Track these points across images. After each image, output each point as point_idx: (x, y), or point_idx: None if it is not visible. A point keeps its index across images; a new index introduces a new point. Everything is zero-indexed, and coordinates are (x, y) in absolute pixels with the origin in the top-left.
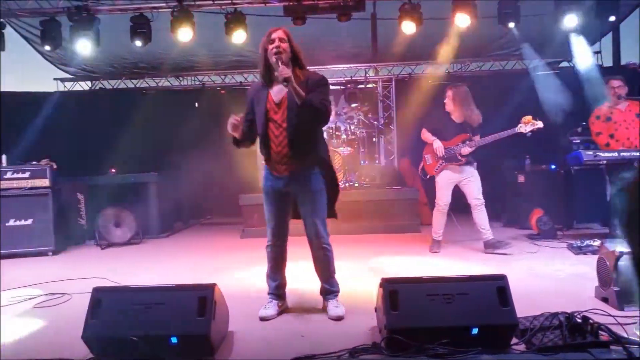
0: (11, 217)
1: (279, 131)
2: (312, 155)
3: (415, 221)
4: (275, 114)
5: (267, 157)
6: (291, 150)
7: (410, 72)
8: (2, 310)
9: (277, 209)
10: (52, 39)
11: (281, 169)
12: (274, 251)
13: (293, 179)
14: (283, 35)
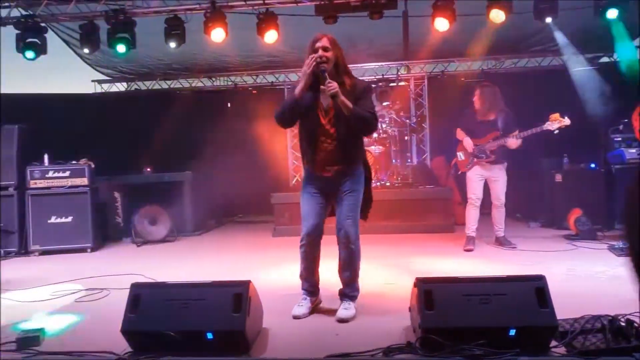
0: (53, 214)
1: (326, 135)
2: (355, 158)
3: (448, 221)
4: (323, 118)
5: (310, 158)
6: (337, 154)
7: (443, 70)
8: (47, 303)
9: (316, 208)
10: (90, 41)
11: (325, 170)
12: (308, 250)
13: (335, 180)
14: (327, 44)
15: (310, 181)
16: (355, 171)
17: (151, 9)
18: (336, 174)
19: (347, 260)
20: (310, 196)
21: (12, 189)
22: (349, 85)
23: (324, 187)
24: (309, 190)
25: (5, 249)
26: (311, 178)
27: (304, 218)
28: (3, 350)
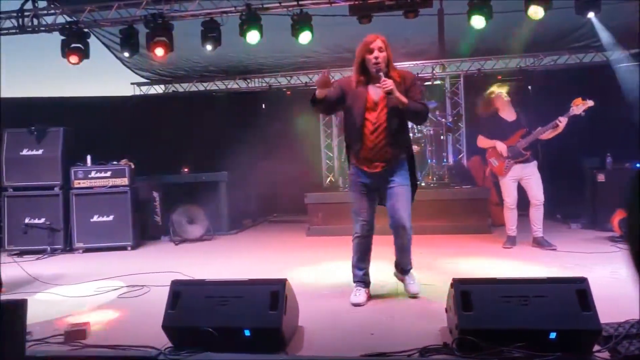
0: (95, 213)
1: (375, 129)
2: (404, 152)
3: (485, 222)
4: (372, 113)
5: (357, 154)
6: (387, 149)
7: (480, 68)
8: (91, 299)
9: (367, 203)
10: (130, 45)
11: (374, 165)
12: (361, 243)
13: (384, 175)
14: (381, 45)
15: (359, 177)
16: (403, 164)
17: (188, 12)
18: (384, 169)
19: (403, 247)
20: (360, 193)
21: (57, 188)
22: (398, 78)
23: (373, 182)
24: (358, 188)
25: (52, 246)
26: (359, 174)
27: (357, 214)
28: (52, 342)
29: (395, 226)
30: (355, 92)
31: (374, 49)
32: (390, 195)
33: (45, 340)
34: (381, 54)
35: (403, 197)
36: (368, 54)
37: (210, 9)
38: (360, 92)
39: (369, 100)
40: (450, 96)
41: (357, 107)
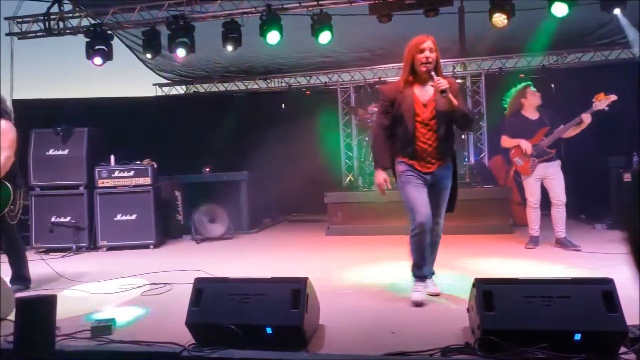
0: (118, 212)
1: (426, 130)
2: (450, 155)
3: (507, 222)
4: (422, 114)
5: (411, 153)
6: (437, 151)
7: (501, 67)
8: (115, 296)
9: (424, 198)
10: (152, 47)
11: (427, 165)
12: (421, 239)
13: (435, 175)
14: (432, 45)
15: (412, 173)
16: (449, 166)
17: (209, 13)
18: (436, 169)
19: (435, 248)
20: (416, 187)
21: (82, 187)
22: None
23: (426, 180)
24: (413, 183)
25: (77, 244)
26: (412, 170)
27: (415, 208)
28: (79, 338)
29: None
30: (403, 95)
31: (425, 49)
32: (436, 196)
33: (73, 336)
34: (432, 55)
35: (445, 199)
36: (419, 53)
37: (231, 9)
38: (408, 95)
39: (418, 102)
40: (472, 95)
41: (407, 110)
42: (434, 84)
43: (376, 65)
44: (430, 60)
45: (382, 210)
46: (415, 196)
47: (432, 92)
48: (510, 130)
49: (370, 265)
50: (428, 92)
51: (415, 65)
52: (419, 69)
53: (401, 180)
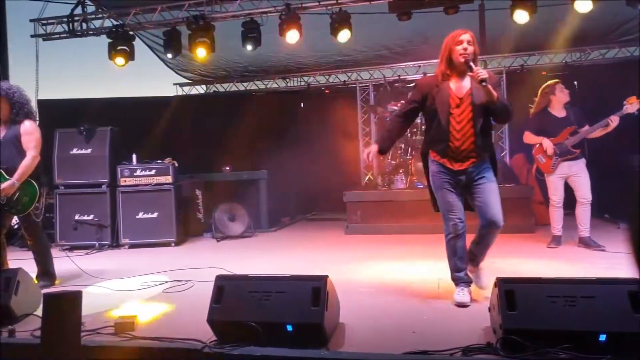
0: (140, 210)
1: (461, 125)
2: (489, 149)
3: (529, 221)
4: (457, 108)
5: (443, 150)
6: (475, 144)
7: (523, 64)
8: (138, 292)
9: (458, 202)
10: (173, 47)
11: (460, 162)
12: (458, 243)
13: (470, 172)
14: (470, 38)
15: (443, 175)
16: (487, 161)
17: (229, 13)
18: (472, 166)
19: (489, 245)
20: (449, 191)
21: (105, 186)
22: None
23: (459, 181)
24: (445, 185)
25: (100, 242)
26: (443, 171)
27: (448, 212)
28: (104, 333)
29: (488, 222)
30: (439, 88)
31: (463, 40)
32: (481, 192)
33: (97, 331)
34: (470, 47)
35: (495, 192)
36: (457, 45)
37: (250, 9)
38: (443, 89)
39: (453, 96)
40: None
41: (441, 105)
42: (472, 74)
43: (395, 64)
44: (468, 52)
45: (401, 209)
46: (448, 199)
47: (469, 86)
48: (534, 127)
49: (390, 264)
50: (465, 85)
51: (453, 56)
52: (457, 60)
53: (434, 182)
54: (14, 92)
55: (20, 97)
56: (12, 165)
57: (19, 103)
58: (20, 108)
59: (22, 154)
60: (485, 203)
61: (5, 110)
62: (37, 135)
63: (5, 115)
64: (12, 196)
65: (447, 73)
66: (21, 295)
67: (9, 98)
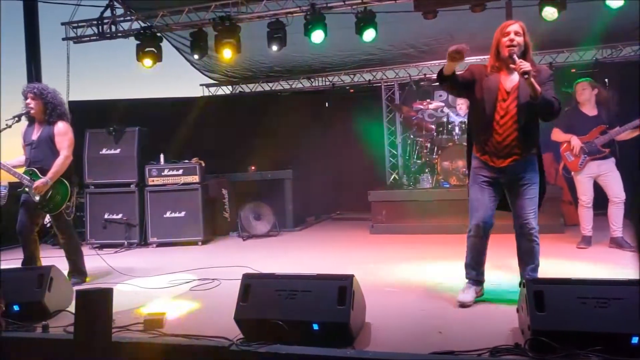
0: (168, 209)
1: (505, 120)
2: (533, 147)
3: (557, 221)
4: (503, 102)
5: (484, 145)
6: (516, 142)
7: (552, 62)
8: (166, 290)
9: (486, 201)
10: (199, 48)
11: (501, 159)
12: (476, 243)
13: (512, 170)
14: (519, 29)
15: (482, 171)
16: (532, 160)
17: (254, 14)
18: (514, 163)
19: (528, 250)
20: (481, 188)
21: (134, 185)
22: (534, 71)
23: (497, 178)
24: (479, 181)
25: (128, 240)
26: (483, 168)
27: (474, 209)
28: (133, 330)
29: (519, 224)
30: (488, 79)
31: (510, 32)
32: (521, 194)
33: (127, 328)
34: (517, 38)
35: (531, 195)
36: (503, 37)
37: (276, 9)
38: (493, 80)
39: (501, 89)
40: None
41: (488, 95)
42: (515, 66)
43: (421, 62)
44: (515, 43)
45: (426, 208)
46: (477, 197)
47: (517, 80)
48: (563, 124)
49: (416, 264)
50: (514, 79)
51: (500, 49)
52: (503, 53)
53: (470, 178)
54: (48, 93)
55: (54, 98)
56: (46, 165)
57: (52, 104)
58: (54, 109)
59: (55, 154)
60: (521, 207)
61: (39, 111)
62: (70, 135)
63: (40, 116)
64: (45, 194)
65: (496, 66)
66: (54, 291)
67: (42, 98)
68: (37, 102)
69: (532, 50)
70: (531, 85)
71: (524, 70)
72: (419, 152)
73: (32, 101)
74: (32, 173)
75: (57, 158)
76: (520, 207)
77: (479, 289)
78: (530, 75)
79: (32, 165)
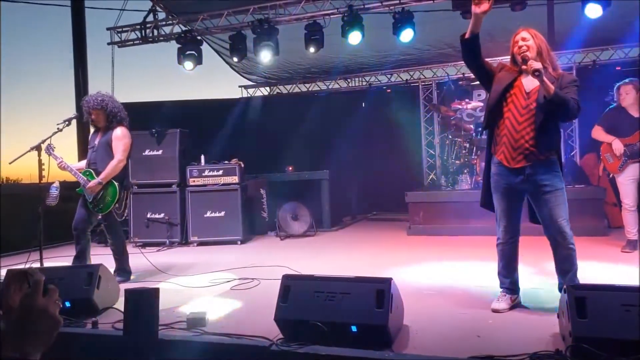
0: (208, 209)
1: (523, 119)
2: (552, 149)
3: (601, 223)
4: (521, 100)
5: (503, 147)
6: (535, 140)
7: (595, 59)
8: (207, 289)
9: (510, 206)
10: (238, 50)
11: (517, 159)
12: (505, 249)
13: (530, 175)
14: (526, 35)
15: (503, 176)
16: (552, 164)
17: (292, 16)
18: (532, 166)
19: (567, 260)
20: (501, 196)
21: (175, 186)
22: (555, 76)
23: (518, 183)
24: (499, 189)
25: (170, 239)
26: (503, 172)
27: (498, 218)
28: (176, 328)
29: (551, 233)
30: (503, 72)
31: (517, 40)
32: (545, 202)
33: (171, 326)
34: (526, 42)
35: (560, 203)
36: (514, 46)
37: (313, 11)
38: (510, 77)
39: (520, 88)
40: None
41: (498, 86)
42: (526, 66)
43: (459, 61)
44: (523, 48)
45: (465, 210)
46: (500, 205)
47: (538, 84)
48: (606, 123)
49: (454, 267)
50: (534, 82)
51: (515, 57)
52: (518, 60)
53: (492, 184)
54: (106, 103)
55: (113, 106)
56: (101, 167)
57: (112, 112)
58: (114, 116)
59: (110, 157)
60: (547, 215)
61: (102, 120)
62: (125, 141)
63: (102, 124)
64: (97, 195)
65: (514, 69)
66: (102, 289)
67: (103, 109)
68: (98, 113)
69: (549, 52)
70: (543, 83)
71: (534, 69)
72: (457, 153)
73: (94, 113)
74: (88, 174)
75: (111, 161)
76: (548, 216)
77: (514, 297)
78: (542, 73)
79: (90, 166)
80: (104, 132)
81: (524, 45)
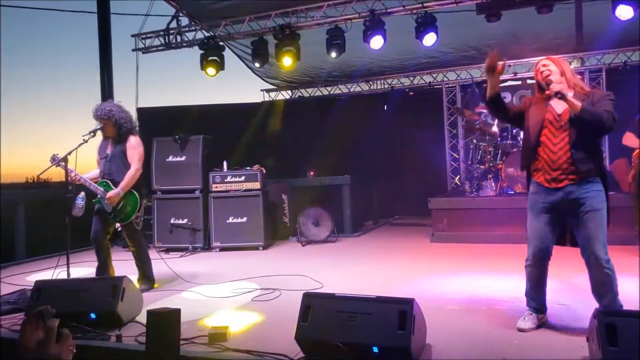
0: (230, 215)
1: (558, 139)
2: (591, 168)
3: (633, 232)
4: (553, 120)
5: (539, 167)
6: (573, 158)
7: (625, 60)
8: (229, 300)
9: (542, 230)
10: (260, 55)
11: (556, 179)
12: (534, 272)
13: (570, 195)
14: (547, 62)
15: (538, 196)
16: (593, 183)
17: (314, 21)
18: (571, 186)
19: (603, 284)
20: (536, 215)
21: (198, 192)
22: (585, 94)
23: (555, 203)
24: (536, 208)
25: (193, 245)
26: (539, 192)
27: (530, 238)
28: (198, 343)
29: (586, 256)
30: (535, 105)
31: (539, 67)
32: (582, 223)
33: (192, 340)
34: (547, 68)
35: (598, 225)
36: (537, 73)
37: (335, 16)
38: (540, 110)
39: (552, 110)
40: None
41: (534, 120)
42: (549, 92)
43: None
44: (545, 73)
45: (490, 217)
46: (533, 225)
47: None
48: (638, 129)
49: (478, 278)
50: (564, 104)
51: (540, 84)
52: (543, 85)
53: (528, 204)
54: (113, 114)
55: (120, 116)
56: (118, 177)
57: (119, 123)
58: (121, 126)
59: (127, 167)
60: (583, 237)
61: (111, 131)
62: (140, 149)
63: (112, 133)
64: (116, 205)
65: (542, 97)
66: (126, 301)
67: (111, 119)
68: (106, 123)
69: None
70: (568, 102)
71: (555, 91)
72: (482, 157)
73: (102, 123)
74: (105, 184)
75: (128, 171)
76: (584, 237)
77: (540, 316)
78: (565, 93)
79: (105, 177)
80: (115, 142)
81: (545, 71)
